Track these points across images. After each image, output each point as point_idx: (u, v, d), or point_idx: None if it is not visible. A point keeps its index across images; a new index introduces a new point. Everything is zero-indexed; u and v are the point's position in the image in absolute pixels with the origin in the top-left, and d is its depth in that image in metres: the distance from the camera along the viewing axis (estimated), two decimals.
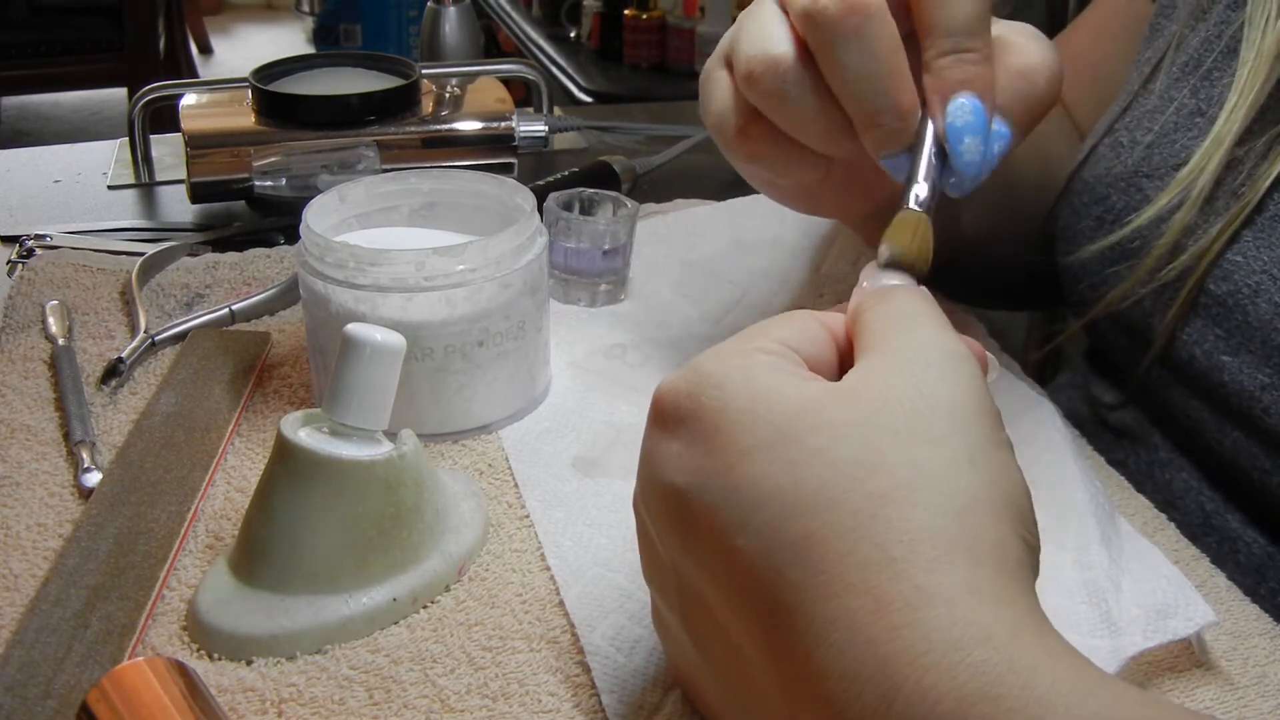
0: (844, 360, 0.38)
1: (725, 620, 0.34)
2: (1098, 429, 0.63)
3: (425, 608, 0.45)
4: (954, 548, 0.31)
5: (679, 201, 0.80)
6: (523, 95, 0.98)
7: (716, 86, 0.48)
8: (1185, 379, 0.54)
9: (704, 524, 0.34)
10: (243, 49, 4.44)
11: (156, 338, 0.61)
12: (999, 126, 0.44)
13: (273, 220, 0.78)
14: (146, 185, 0.87)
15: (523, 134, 0.85)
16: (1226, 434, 0.53)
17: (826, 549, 0.31)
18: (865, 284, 0.40)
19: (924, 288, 0.40)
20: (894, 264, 0.41)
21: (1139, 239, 0.55)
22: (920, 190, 0.43)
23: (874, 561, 0.31)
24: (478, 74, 0.92)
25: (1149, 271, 0.54)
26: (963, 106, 0.43)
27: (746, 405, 0.34)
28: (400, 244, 0.53)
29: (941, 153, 0.44)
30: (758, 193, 0.55)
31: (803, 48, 0.45)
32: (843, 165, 0.49)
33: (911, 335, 0.36)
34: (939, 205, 0.44)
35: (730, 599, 0.33)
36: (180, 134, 0.79)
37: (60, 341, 0.62)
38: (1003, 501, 0.32)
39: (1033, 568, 0.33)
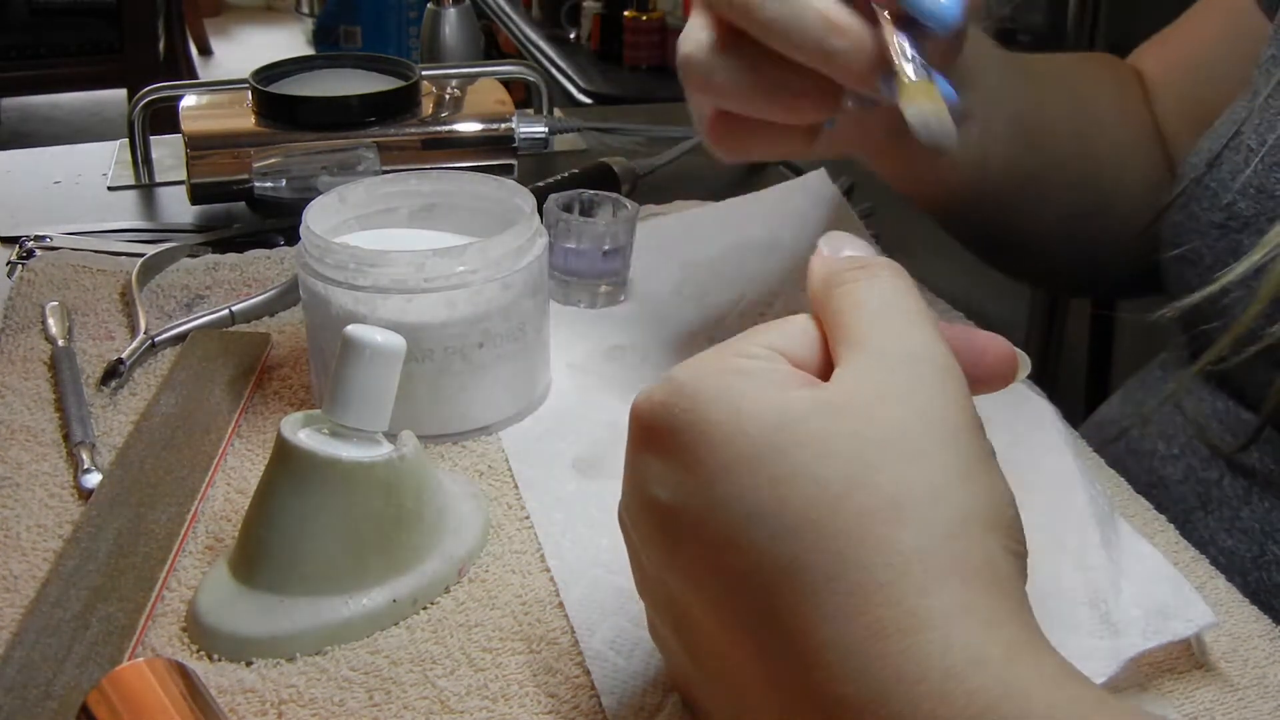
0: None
1: (717, 636, 0.34)
2: (1204, 450, 0.58)
3: (425, 609, 0.45)
4: (946, 569, 0.30)
5: (679, 203, 0.80)
6: (523, 97, 0.98)
7: (690, 101, 0.50)
8: None
9: (690, 540, 0.33)
10: (242, 50, 4.44)
11: (156, 339, 0.61)
12: None
13: (273, 221, 0.78)
14: (146, 186, 0.87)
15: (523, 135, 0.85)
16: None
17: (815, 574, 0.30)
18: (825, 250, 0.38)
19: (898, 265, 0.37)
20: (925, 124, 0.42)
21: (1230, 296, 0.52)
22: (908, 67, 0.44)
23: (863, 587, 0.30)
24: (478, 75, 0.92)
25: (1248, 329, 0.50)
26: None
27: (722, 418, 0.33)
28: (400, 245, 0.53)
29: (911, 23, 0.44)
30: (757, 193, 0.55)
31: (725, 30, 0.46)
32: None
33: (897, 339, 0.34)
34: (965, 148, 0.45)
35: (721, 616, 0.33)
36: (180, 135, 0.79)
37: (60, 342, 0.62)
38: (992, 516, 0.32)
39: (1022, 577, 0.32)
